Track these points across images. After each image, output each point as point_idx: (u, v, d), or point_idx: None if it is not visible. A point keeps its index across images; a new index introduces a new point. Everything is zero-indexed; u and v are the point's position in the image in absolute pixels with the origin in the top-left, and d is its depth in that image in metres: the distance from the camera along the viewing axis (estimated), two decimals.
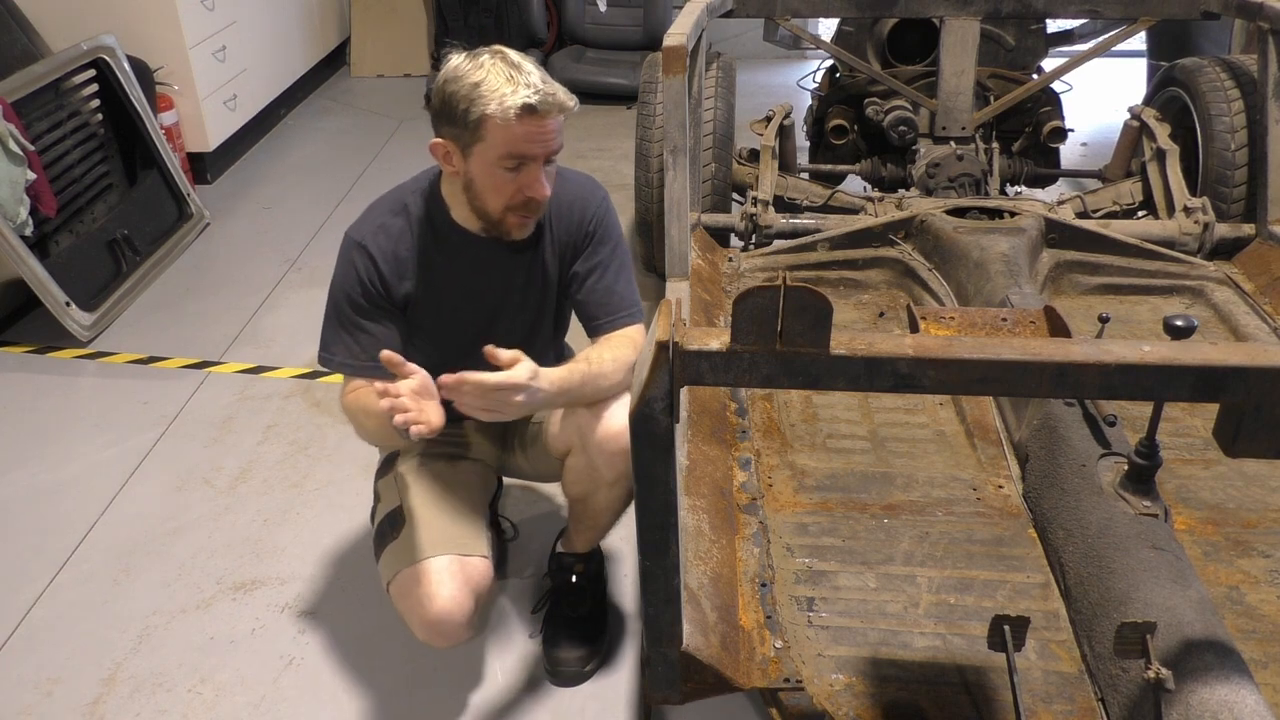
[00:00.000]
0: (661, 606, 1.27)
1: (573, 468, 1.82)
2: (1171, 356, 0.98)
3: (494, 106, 1.53)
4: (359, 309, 1.73)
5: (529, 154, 1.58)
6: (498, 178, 1.60)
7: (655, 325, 1.03)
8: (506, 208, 1.64)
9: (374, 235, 1.72)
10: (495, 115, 1.53)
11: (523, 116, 1.53)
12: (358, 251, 1.72)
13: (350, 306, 1.73)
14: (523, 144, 1.56)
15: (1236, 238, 2.66)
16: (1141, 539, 1.47)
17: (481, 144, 1.57)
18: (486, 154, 1.58)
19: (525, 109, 1.52)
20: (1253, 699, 1.20)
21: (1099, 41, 3.07)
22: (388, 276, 1.72)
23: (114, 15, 3.86)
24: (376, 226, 1.74)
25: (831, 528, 1.74)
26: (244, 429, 2.76)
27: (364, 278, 1.72)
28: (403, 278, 1.74)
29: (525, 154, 1.58)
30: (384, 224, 1.74)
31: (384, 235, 1.73)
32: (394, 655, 2.03)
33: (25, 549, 2.34)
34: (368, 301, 1.73)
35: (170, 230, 3.79)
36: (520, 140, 1.56)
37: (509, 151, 1.57)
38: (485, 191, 1.64)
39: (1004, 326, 1.31)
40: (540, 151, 1.59)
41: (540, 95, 1.53)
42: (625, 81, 5.27)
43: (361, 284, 1.72)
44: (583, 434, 1.75)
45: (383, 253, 1.72)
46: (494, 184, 1.61)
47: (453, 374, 1.50)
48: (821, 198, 3.00)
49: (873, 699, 1.43)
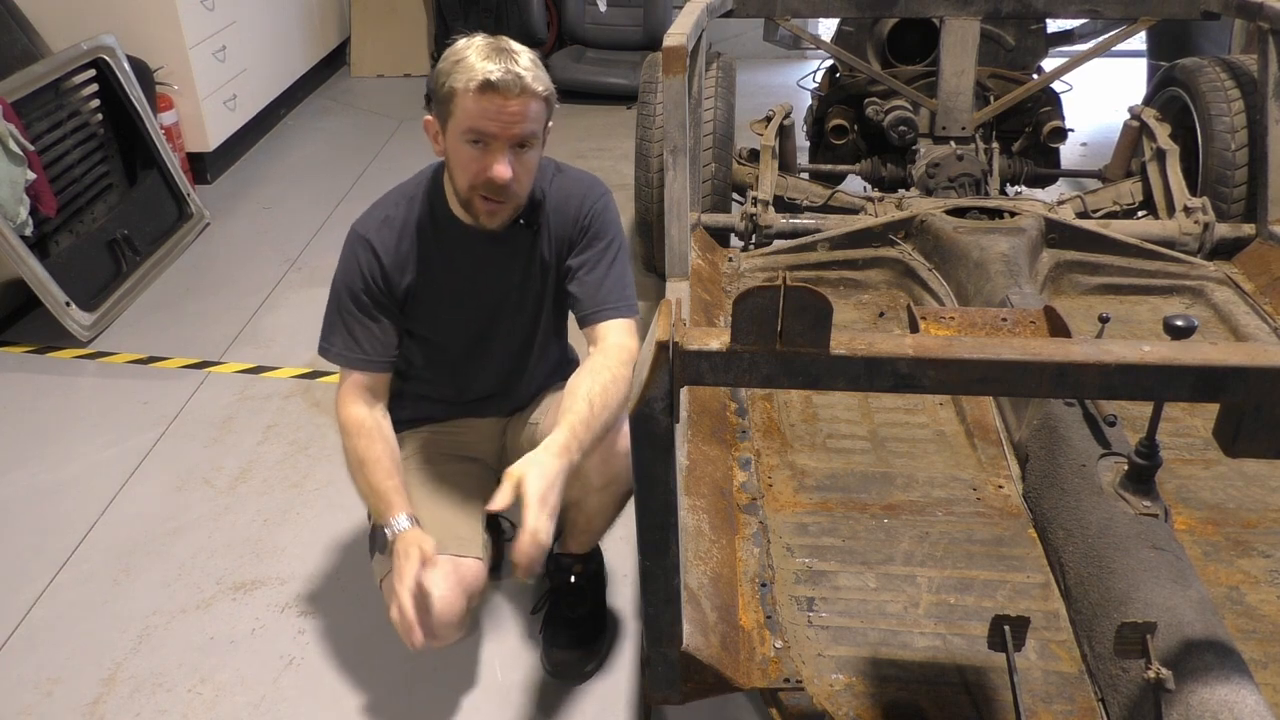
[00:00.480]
0: (661, 606, 1.26)
1: None
2: (1171, 356, 0.98)
3: (461, 80, 1.56)
4: (359, 303, 1.75)
5: (487, 131, 1.59)
6: (462, 153, 1.62)
7: (655, 325, 1.03)
8: (471, 187, 1.65)
9: (378, 229, 1.75)
10: (459, 88, 1.56)
11: (483, 90, 1.55)
12: (361, 245, 1.75)
13: (351, 300, 1.76)
14: (480, 119, 1.57)
15: (1236, 238, 2.66)
16: (1141, 539, 1.47)
17: (452, 119, 1.60)
18: (454, 128, 1.61)
19: (484, 84, 1.54)
20: (1253, 699, 1.19)
21: (1099, 41, 3.06)
22: (389, 271, 1.74)
23: (114, 15, 3.86)
24: (381, 220, 1.76)
25: (831, 528, 1.74)
26: (244, 429, 2.76)
27: (365, 272, 1.74)
28: (403, 271, 1.76)
29: (483, 130, 1.59)
30: (388, 216, 1.77)
31: (387, 229, 1.75)
32: (394, 655, 2.03)
33: (25, 549, 2.34)
34: (368, 296, 1.75)
35: (170, 230, 3.79)
36: (478, 115, 1.57)
37: (469, 125, 1.58)
38: (455, 168, 1.66)
39: (1004, 326, 1.31)
40: (498, 130, 1.58)
41: (503, 73, 1.54)
42: (625, 81, 5.26)
43: (363, 278, 1.74)
44: None
45: (385, 247, 1.74)
46: (460, 160, 1.64)
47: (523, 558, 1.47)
48: (821, 198, 3.00)
49: (873, 699, 1.43)
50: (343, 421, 1.77)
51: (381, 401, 1.82)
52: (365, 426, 1.74)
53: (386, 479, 1.71)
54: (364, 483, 1.74)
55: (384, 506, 1.70)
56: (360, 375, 1.78)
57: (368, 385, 1.78)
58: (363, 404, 1.77)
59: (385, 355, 1.79)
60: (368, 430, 1.74)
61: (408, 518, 1.68)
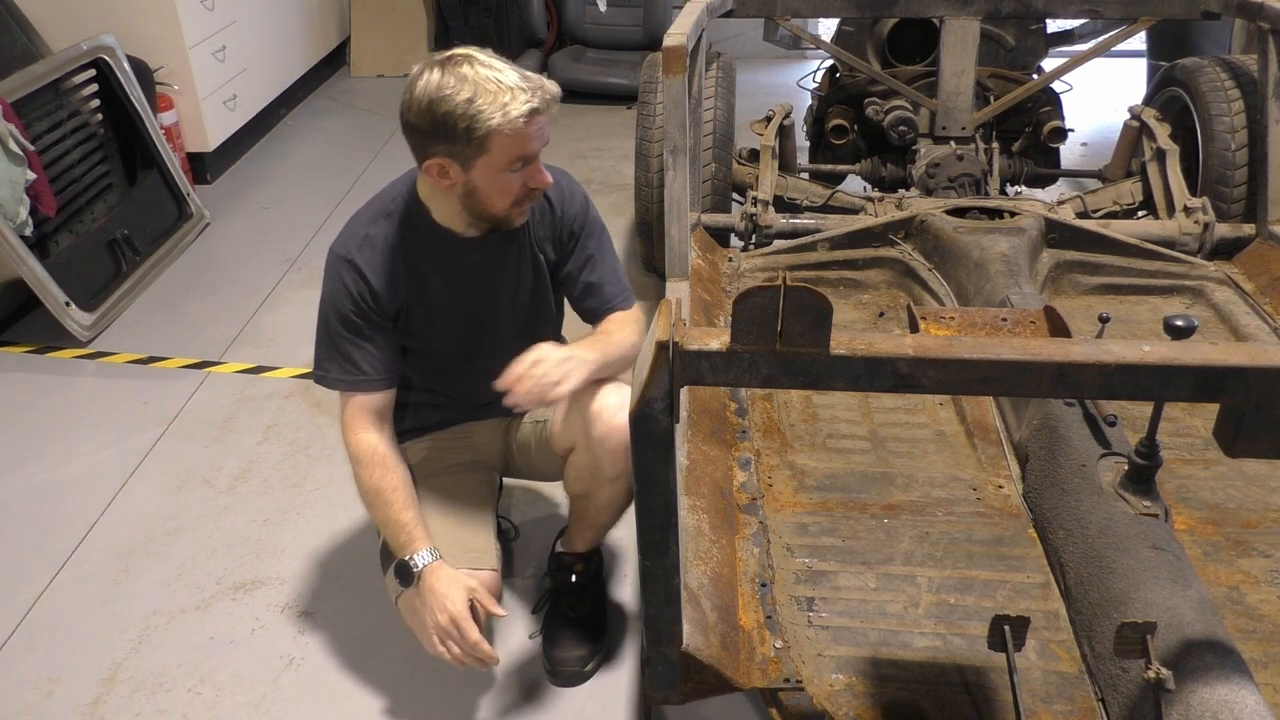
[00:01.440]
0: (661, 606, 1.27)
1: (575, 464, 1.83)
2: (1171, 356, 0.98)
3: (498, 119, 1.52)
4: (350, 325, 1.72)
5: (534, 152, 1.60)
6: (504, 181, 1.61)
7: (655, 325, 1.03)
8: (514, 203, 1.65)
9: (360, 249, 1.71)
10: (502, 127, 1.53)
11: (532, 118, 1.55)
12: (345, 267, 1.70)
13: (342, 323, 1.72)
14: (529, 145, 1.58)
15: (1236, 238, 2.66)
16: (1141, 539, 1.47)
17: (488, 155, 1.57)
18: (493, 163, 1.58)
19: (533, 112, 1.54)
20: (1253, 699, 1.20)
21: (1099, 41, 3.06)
22: (378, 289, 1.71)
23: (114, 15, 3.86)
24: (361, 239, 1.72)
25: (831, 528, 1.74)
26: (244, 429, 2.76)
27: (354, 293, 1.70)
28: (394, 288, 1.72)
29: (531, 154, 1.60)
30: (368, 235, 1.72)
31: (369, 248, 1.71)
32: (394, 655, 2.03)
33: (25, 549, 2.34)
34: (359, 317, 1.71)
35: (170, 230, 3.78)
36: (527, 142, 1.57)
37: (518, 156, 1.58)
38: (490, 196, 1.63)
39: (1004, 326, 1.31)
40: (542, 146, 1.61)
41: (539, 96, 1.55)
42: (625, 81, 5.26)
43: (352, 299, 1.70)
44: (585, 430, 1.75)
45: (370, 266, 1.70)
46: (500, 187, 1.62)
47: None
48: (821, 198, 3.00)
49: (873, 699, 1.43)
50: (353, 451, 1.75)
51: (389, 423, 1.80)
52: (378, 455, 1.73)
53: (404, 511, 1.71)
54: (381, 515, 1.73)
55: (405, 539, 1.70)
56: (363, 398, 1.75)
57: (373, 407, 1.76)
58: (371, 429, 1.75)
59: (387, 372, 1.76)
60: (380, 459, 1.73)
61: (430, 551, 1.69)
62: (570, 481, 1.88)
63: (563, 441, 1.83)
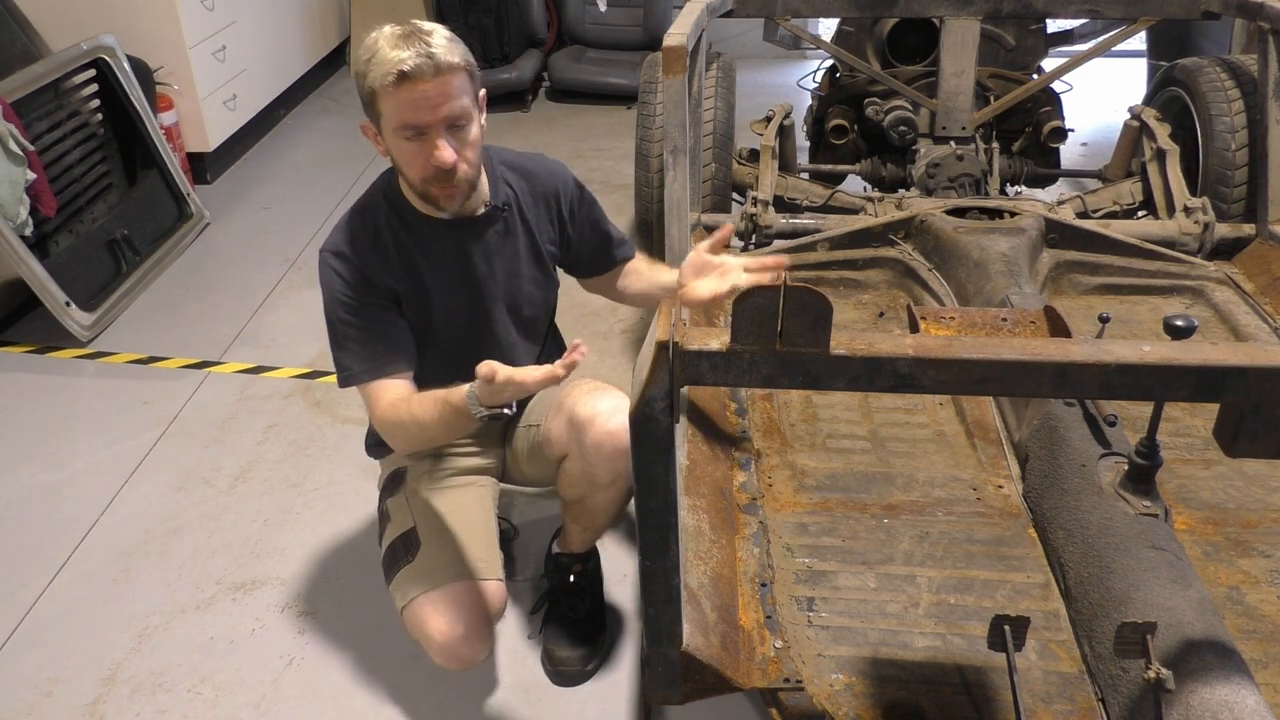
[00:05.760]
0: (661, 606, 1.26)
1: (569, 471, 1.82)
2: (1171, 356, 0.98)
3: (377, 78, 1.50)
4: (357, 311, 1.68)
5: (419, 121, 1.51)
6: (404, 150, 1.56)
7: (655, 325, 1.03)
8: (423, 180, 1.59)
9: (347, 241, 1.70)
10: (379, 87, 1.50)
11: (401, 82, 1.48)
12: (336, 259, 1.69)
13: (347, 312, 1.68)
14: (409, 112, 1.50)
15: (1236, 238, 2.66)
16: (1141, 539, 1.47)
17: (383, 119, 1.54)
18: (387, 128, 1.55)
19: (400, 76, 1.47)
20: (1253, 699, 1.20)
21: (1099, 41, 3.06)
22: (371, 271, 1.69)
23: (114, 15, 3.86)
24: (349, 235, 1.70)
25: (831, 528, 1.74)
26: (244, 429, 2.76)
27: (351, 280, 1.68)
28: (387, 268, 1.70)
29: (415, 122, 1.51)
30: (353, 232, 1.70)
31: (356, 239, 1.70)
32: (394, 655, 2.03)
33: (25, 549, 2.34)
34: (360, 301, 1.68)
35: (170, 230, 3.79)
36: (405, 108, 1.50)
37: (399, 122, 1.52)
38: (402, 166, 1.61)
39: (1004, 326, 1.31)
40: (430, 118, 1.51)
41: (415, 58, 1.46)
42: (625, 81, 5.26)
43: (350, 285, 1.68)
44: (578, 437, 1.74)
45: (359, 253, 1.68)
46: (404, 157, 1.58)
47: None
48: (821, 198, 3.00)
49: (873, 699, 1.43)
50: (381, 423, 1.68)
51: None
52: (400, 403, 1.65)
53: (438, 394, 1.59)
54: (433, 419, 1.59)
55: (454, 398, 1.55)
56: (387, 383, 1.68)
57: (399, 394, 1.68)
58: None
59: (405, 349, 1.71)
60: (404, 400, 1.65)
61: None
62: (564, 487, 1.87)
63: (555, 448, 1.82)
